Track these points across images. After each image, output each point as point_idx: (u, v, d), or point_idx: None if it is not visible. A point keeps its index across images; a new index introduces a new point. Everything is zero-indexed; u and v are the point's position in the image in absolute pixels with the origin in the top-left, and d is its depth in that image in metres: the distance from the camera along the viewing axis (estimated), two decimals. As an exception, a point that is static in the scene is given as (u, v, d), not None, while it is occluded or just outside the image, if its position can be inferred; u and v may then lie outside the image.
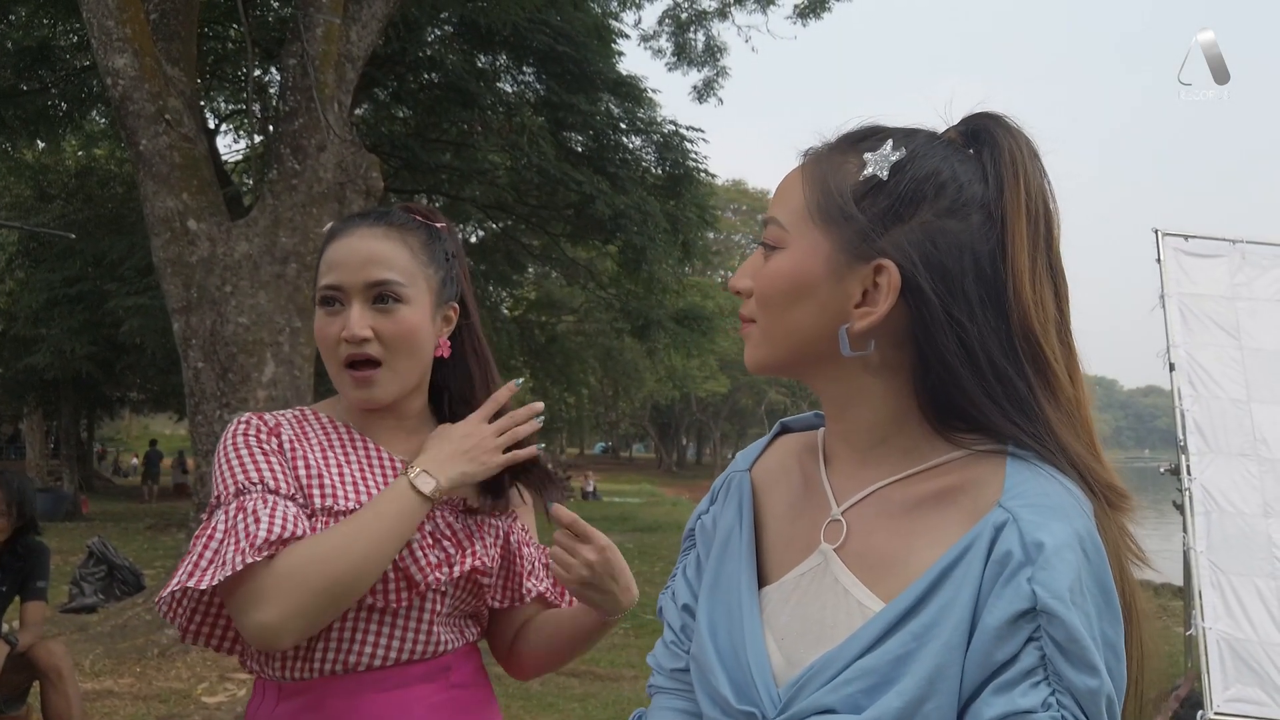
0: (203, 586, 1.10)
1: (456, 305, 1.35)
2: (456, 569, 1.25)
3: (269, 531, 1.11)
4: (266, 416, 1.27)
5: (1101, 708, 0.73)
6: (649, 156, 12.35)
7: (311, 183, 5.73)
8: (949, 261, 0.82)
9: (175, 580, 1.12)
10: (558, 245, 14.35)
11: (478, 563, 1.27)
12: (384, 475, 1.28)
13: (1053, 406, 0.83)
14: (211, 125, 13.52)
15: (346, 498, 1.22)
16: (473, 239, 18.33)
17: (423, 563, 1.21)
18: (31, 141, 13.49)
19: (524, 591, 1.35)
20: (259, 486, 1.17)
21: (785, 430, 1.06)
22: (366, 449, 1.29)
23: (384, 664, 1.21)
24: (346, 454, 1.27)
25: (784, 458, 1.01)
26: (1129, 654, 0.81)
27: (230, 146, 16.02)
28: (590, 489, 25.98)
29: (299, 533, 1.14)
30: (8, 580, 3.59)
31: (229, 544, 1.12)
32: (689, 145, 12.16)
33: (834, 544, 0.89)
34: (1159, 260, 4.92)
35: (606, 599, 1.27)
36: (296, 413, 1.31)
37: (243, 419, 1.25)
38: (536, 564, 1.38)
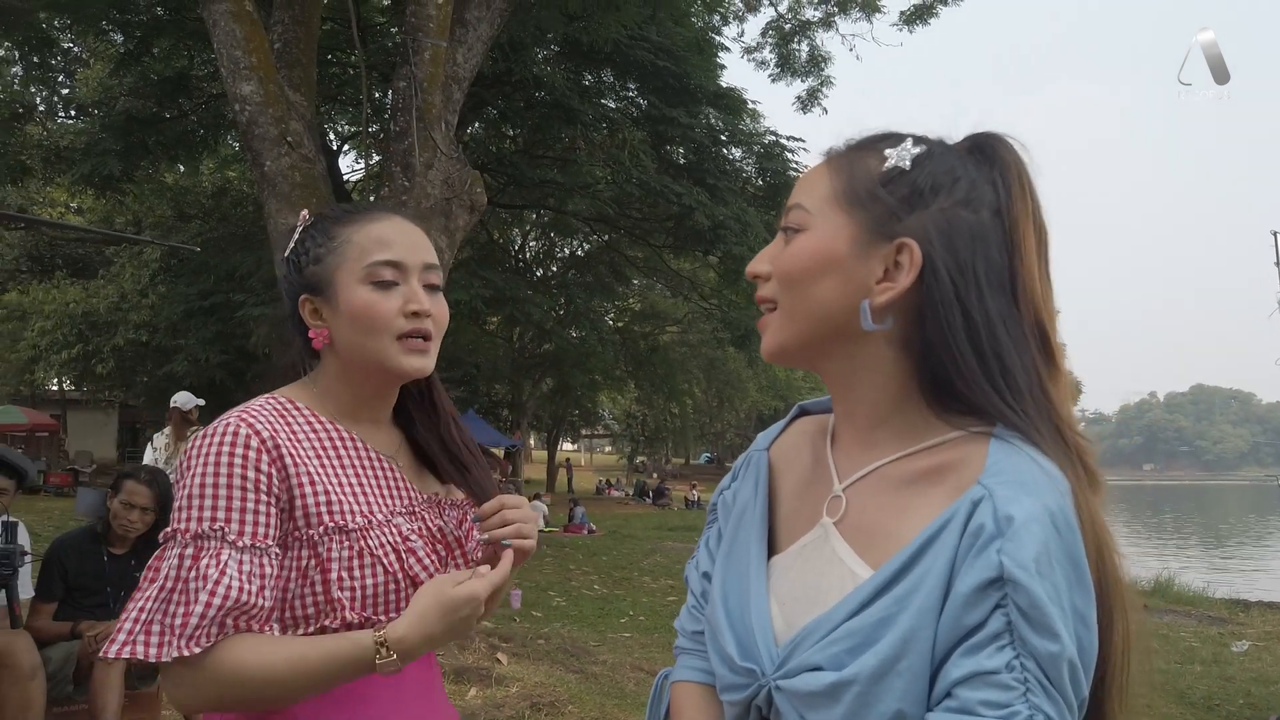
0: (151, 660, 1.06)
1: None
2: (450, 568, 1.29)
3: (213, 606, 1.07)
4: (259, 424, 1.16)
5: (1063, 671, 0.78)
6: (749, 168, 12.39)
7: (420, 199, 6.02)
8: (962, 245, 0.90)
9: (127, 635, 1.08)
10: (660, 257, 14.52)
11: (470, 559, 1.33)
12: (378, 477, 1.25)
13: (1056, 388, 0.91)
14: (334, 147, 14.26)
15: (355, 513, 1.19)
16: (578, 252, 18.72)
17: (430, 567, 1.26)
18: (172, 165, 14.51)
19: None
20: (215, 537, 1.10)
21: (803, 413, 1.13)
22: (358, 449, 1.26)
23: None
24: (342, 458, 1.23)
25: (799, 439, 1.09)
26: (1111, 633, 0.85)
27: (352, 166, 16.77)
28: (694, 498, 26.04)
29: (247, 601, 1.09)
30: (143, 566, 3.93)
31: (177, 607, 1.08)
32: (789, 155, 12.16)
33: (834, 518, 0.96)
34: (1277, 264, 4.69)
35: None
36: (279, 404, 1.23)
37: (229, 429, 1.14)
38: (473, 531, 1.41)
